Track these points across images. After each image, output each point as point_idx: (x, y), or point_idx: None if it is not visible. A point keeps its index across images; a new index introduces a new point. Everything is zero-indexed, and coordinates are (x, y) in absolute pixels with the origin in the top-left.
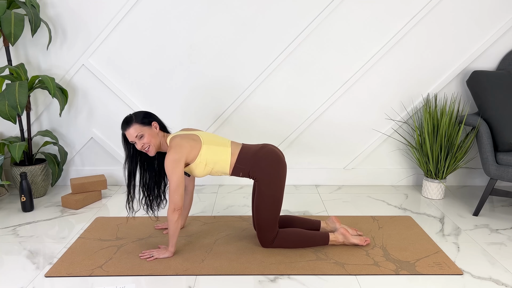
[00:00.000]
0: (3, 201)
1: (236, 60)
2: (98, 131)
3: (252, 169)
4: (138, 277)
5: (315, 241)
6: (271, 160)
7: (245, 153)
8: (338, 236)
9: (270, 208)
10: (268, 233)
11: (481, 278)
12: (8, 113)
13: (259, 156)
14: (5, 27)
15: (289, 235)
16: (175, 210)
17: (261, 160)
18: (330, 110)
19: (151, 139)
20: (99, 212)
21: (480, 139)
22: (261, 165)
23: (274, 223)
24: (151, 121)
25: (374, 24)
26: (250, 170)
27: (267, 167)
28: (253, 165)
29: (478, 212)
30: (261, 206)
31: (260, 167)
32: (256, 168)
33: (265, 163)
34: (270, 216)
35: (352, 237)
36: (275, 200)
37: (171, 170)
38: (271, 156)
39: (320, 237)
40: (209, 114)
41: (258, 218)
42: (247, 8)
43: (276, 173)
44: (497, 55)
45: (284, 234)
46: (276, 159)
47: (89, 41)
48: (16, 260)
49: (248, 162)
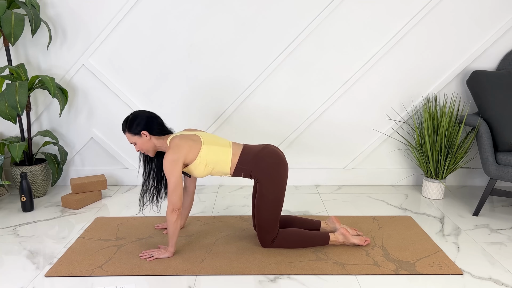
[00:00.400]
0: (3, 201)
1: (236, 60)
2: (98, 131)
3: (253, 170)
4: (138, 277)
5: (315, 241)
6: (273, 160)
7: (246, 153)
8: (338, 236)
9: (271, 209)
10: (269, 234)
11: (481, 278)
12: (8, 113)
13: (260, 157)
14: (5, 27)
15: (289, 235)
16: (174, 210)
17: (263, 161)
18: (330, 110)
19: (142, 147)
20: (99, 212)
21: (480, 139)
22: (262, 166)
23: (275, 223)
24: (140, 130)
25: (374, 24)
26: (252, 171)
27: (269, 167)
28: (255, 166)
29: (478, 212)
30: (262, 206)
31: (261, 167)
32: (258, 169)
33: (266, 164)
34: (271, 216)
35: (352, 237)
36: (276, 200)
37: (169, 170)
38: (272, 156)
39: (320, 237)
40: (209, 114)
41: (258, 218)
42: (247, 8)
43: (277, 174)
44: (497, 55)
45: (285, 234)
46: (277, 160)
47: (89, 41)
48: (16, 260)
49: (249, 163)
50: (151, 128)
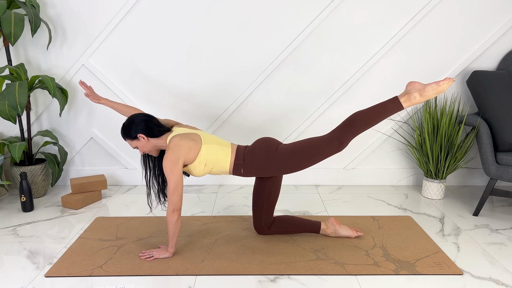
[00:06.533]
0: (3, 201)
1: (236, 60)
2: (98, 131)
3: (251, 160)
4: (138, 277)
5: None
6: (261, 140)
7: (242, 149)
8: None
9: (302, 156)
10: (331, 145)
11: (481, 278)
12: (8, 113)
13: (252, 146)
14: (5, 27)
15: (284, 221)
16: (175, 210)
17: (255, 147)
18: (330, 110)
19: (144, 149)
20: (99, 212)
21: (480, 139)
22: (255, 150)
23: (321, 144)
24: (136, 134)
25: (374, 24)
26: (251, 163)
27: (261, 145)
28: (251, 155)
29: (478, 212)
30: (297, 164)
31: (255, 152)
32: (254, 156)
33: (258, 147)
34: (312, 153)
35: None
36: (295, 150)
37: (169, 170)
38: (260, 139)
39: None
40: (209, 114)
41: (308, 166)
42: (247, 8)
43: (271, 143)
44: (497, 55)
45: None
46: (264, 138)
47: (89, 41)
48: (16, 260)
49: (245, 156)
50: (150, 131)
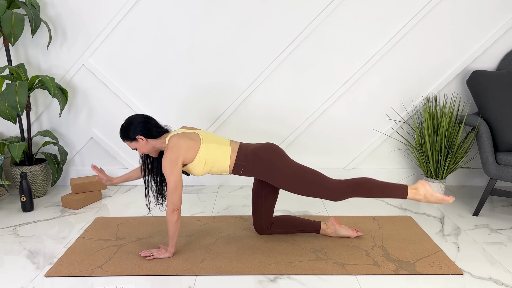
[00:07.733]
0: (3, 201)
1: (236, 60)
2: (98, 131)
3: (253, 163)
4: (138, 277)
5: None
6: (269, 147)
7: (244, 148)
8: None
9: (303, 181)
10: (332, 191)
11: (481, 278)
12: (8, 113)
13: (257, 149)
14: (5, 27)
15: (285, 221)
16: (174, 210)
17: (260, 152)
18: (330, 110)
19: (143, 150)
20: (99, 212)
21: (480, 139)
22: (260, 156)
23: (324, 182)
24: (135, 135)
25: (374, 24)
26: (252, 166)
27: (267, 153)
28: (253, 159)
29: (478, 212)
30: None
31: (259, 157)
32: (257, 161)
33: (263, 153)
34: (313, 184)
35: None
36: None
37: (169, 171)
38: (267, 145)
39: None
40: (209, 114)
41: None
42: (247, 8)
43: (278, 155)
44: (497, 55)
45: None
46: (273, 146)
47: (89, 41)
48: (16, 260)
49: (247, 158)
50: (149, 132)
